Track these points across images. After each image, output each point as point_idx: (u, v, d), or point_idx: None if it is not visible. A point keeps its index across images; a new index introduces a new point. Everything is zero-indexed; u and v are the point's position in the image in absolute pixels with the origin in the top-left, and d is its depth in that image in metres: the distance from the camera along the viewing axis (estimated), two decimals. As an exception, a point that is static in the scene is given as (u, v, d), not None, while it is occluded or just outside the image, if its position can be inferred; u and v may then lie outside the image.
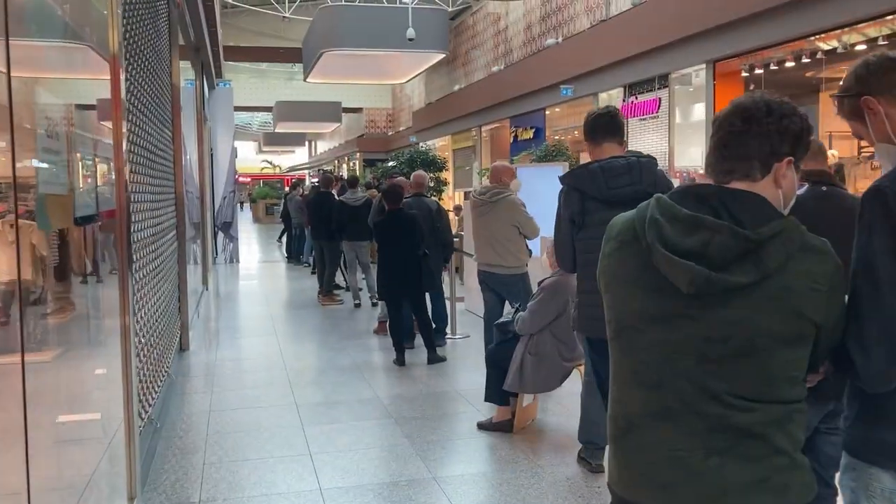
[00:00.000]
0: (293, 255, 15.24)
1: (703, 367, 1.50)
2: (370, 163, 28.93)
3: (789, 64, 11.68)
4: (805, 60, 11.38)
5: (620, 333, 1.64)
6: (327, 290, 10.06)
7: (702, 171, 14.32)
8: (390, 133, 36.38)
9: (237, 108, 39.70)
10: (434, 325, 7.04)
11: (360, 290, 9.99)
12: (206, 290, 11.59)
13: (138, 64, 4.69)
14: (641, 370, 1.58)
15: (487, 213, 5.59)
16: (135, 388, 3.91)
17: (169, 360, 6.22)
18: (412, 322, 7.16)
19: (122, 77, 3.66)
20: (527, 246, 5.76)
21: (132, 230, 4.10)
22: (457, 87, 24.62)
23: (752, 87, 13.28)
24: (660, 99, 14.35)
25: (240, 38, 25.37)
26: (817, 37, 10.70)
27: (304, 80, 21.89)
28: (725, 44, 12.40)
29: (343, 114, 34.22)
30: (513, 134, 20.58)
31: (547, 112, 18.92)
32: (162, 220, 6.24)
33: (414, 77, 23.83)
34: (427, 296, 6.88)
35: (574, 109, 18.48)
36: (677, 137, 14.37)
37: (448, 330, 7.60)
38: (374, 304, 9.75)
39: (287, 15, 23.11)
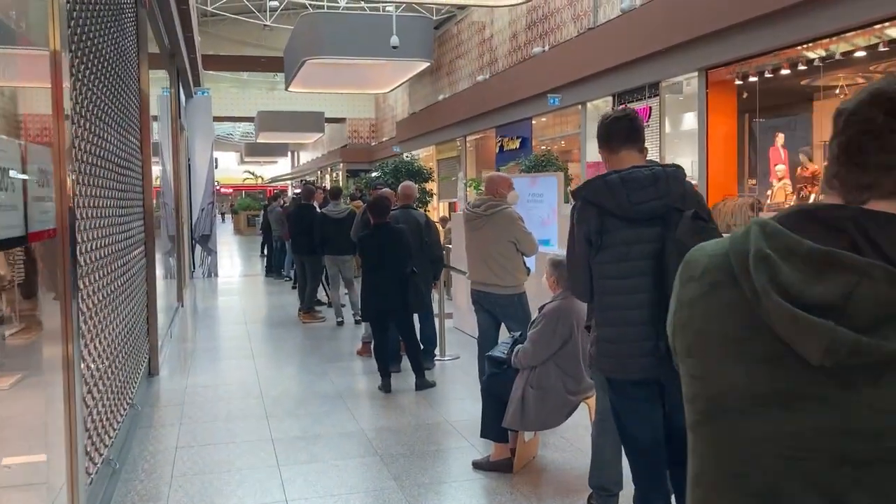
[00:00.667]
0: (274, 269, 14.68)
1: (841, 471, 1.01)
2: (353, 173, 28.42)
3: (784, 72, 11.32)
4: (801, 68, 11.02)
5: (713, 418, 1.12)
6: (308, 306, 9.54)
7: (696, 182, 13.96)
8: (373, 143, 35.91)
9: (218, 119, 39.12)
10: (422, 347, 6.56)
11: (343, 306, 9.49)
12: (182, 306, 11.03)
13: (93, 64, 4.19)
14: (747, 473, 1.08)
15: (482, 228, 5.12)
16: (80, 428, 3.39)
17: (133, 387, 5.69)
18: (398, 343, 6.67)
19: (66, 75, 3.16)
20: (524, 263, 5.29)
21: (81, 249, 3.60)
22: (441, 97, 24.20)
23: (744, 95, 12.94)
24: (650, 108, 13.98)
25: (220, 47, 24.84)
26: (812, 44, 10.36)
27: (286, 89, 21.41)
28: (718, 51, 12.04)
29: (326, 124, 33.72)
30: (499, 144, 20.17)
31: (533, 122, 18.54)
32: (128, 235, 5.73)
33: (398, 86, 23.40)
34: (415, 316, 6.40)
35: (562, 119, 18.10)
36: (668, 148, 13.99)
37: (437, 351, 7.12)
38: (357, 322, 9.24)
39: (268, 23, 22.61)
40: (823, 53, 10.69)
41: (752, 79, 12.43)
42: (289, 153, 50.64)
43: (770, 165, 12.57)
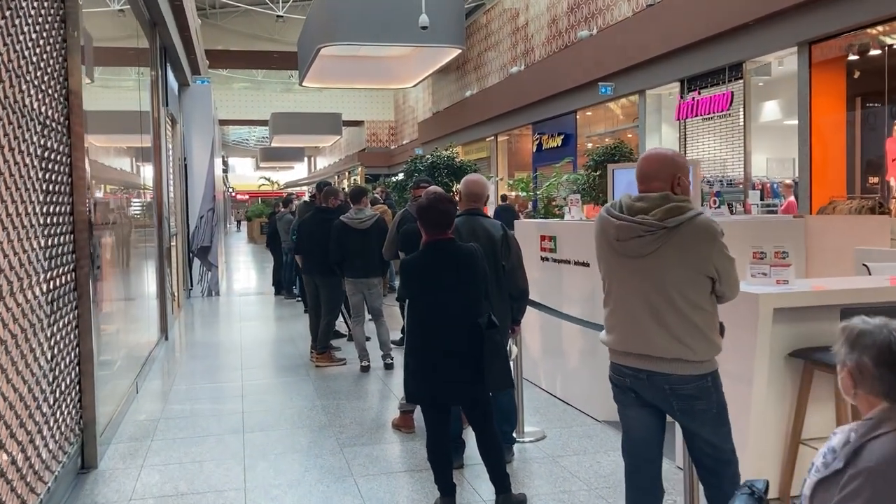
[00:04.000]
0: (284, 287, 12.25)
1: None
2: (373, 178, 25.98)
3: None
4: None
5: None
6: (323, 346, 7.08)
7: (789, 181, 11.39)
8: (393, 147, 33.56)
9: (231, 122, 36.97)
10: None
11: (369, 339, 7.07)
12: (166, 340, 8.62)
13: None
14: None
15: (654, 252, 2.62)
16: None
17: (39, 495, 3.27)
18: (459, 421, 4.22)
19: None
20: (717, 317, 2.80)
21: None
22: (468, 93, 21.77)
23: (856, 74, 10.39)
24: (732, 93, 11.45)
25: (229, 42, 22.52)
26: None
27: (300, 83, 19.06)
28: (824, 20, 9.50)
29: (343, 127, 31.38)
30: (536, 141, 17.70)
31: (578, 115, 16.07)
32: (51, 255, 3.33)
33: (423, 80, 20.96)
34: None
35: (612, 111, 15.59)
36: (756, 140, 11.47)
37: (514, 432, 4.65)
38: (387, 366, 6.79)
39: (281, 13, 20.25)
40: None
41: (866, 54, 9.90)
42: (305, 158, 48.42)
43: (887, 160, 9.96)
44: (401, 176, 14.24)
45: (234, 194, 57.89)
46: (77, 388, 4.41)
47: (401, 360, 6.44)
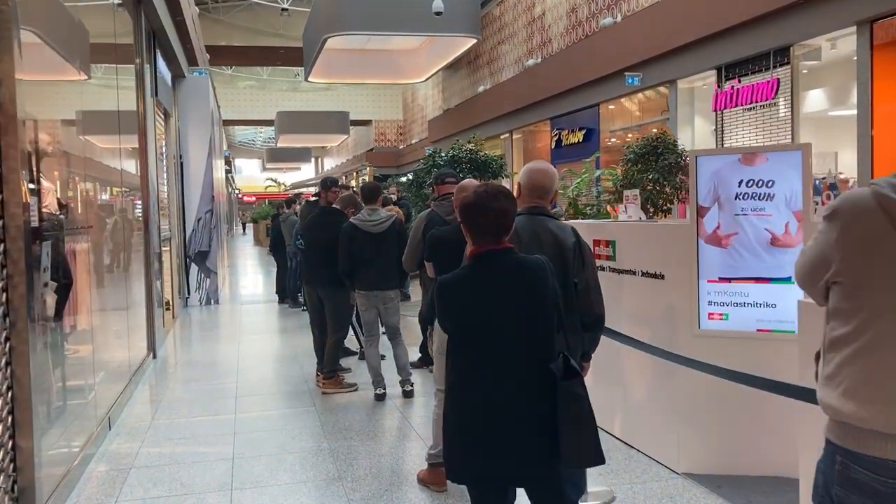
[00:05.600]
0: (289, 295, 11.20)
1: None
2: (382, 178, 24.91)
3: None
4: None
5: None
6: (331, 370, 6.00)
7: (845, 176, 10.25)
8: (402, 146, 32.50)
9: (236, 122, 35.96)
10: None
11: (383, 357, 6.00)
12: (154, 358, 7.57)
13: None
14: None
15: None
16: None
17: None
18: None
19: None
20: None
21: None
22: (481, 89, 20.68)
23: (923, 57, 9.25)
24: (777, 80, 10.34)
25: (232, 37, 21.46)
26: None
27: (306, 78, 18.03)
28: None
29: (350, 126, 30.33)
30: (555, 137, 16.60)
31: (601, 108, 14.95)
32: None
33: (434, 74, 19.91)
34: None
35: (638, 104, 14.47)
36: (806, 132, 10.35)
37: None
38: (407, 394, 5.72)
39: (286, 6, 19.20)
40: None
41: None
42: (312, 159, 47.44)
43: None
44: (410, 176, 13.11)
45: (240, 196, 57.01)
46: (9, 445, 3.35)
47: (424, 387, 5.37)
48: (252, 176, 62.60)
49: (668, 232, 4.53)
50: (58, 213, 4.78)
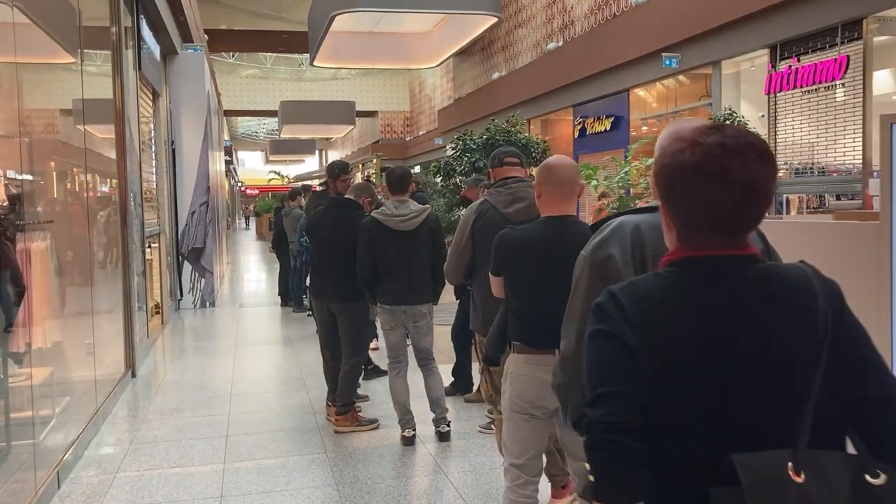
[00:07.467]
0: (292, 298, 9.96)
1: None
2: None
3: None
4: None
5: None
6: (345, 403, 4.74)
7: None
8: (409, 138, 31.22)
9: (239, 113, 34.65)
10: None
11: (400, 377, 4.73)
12: (133, 378, 6.34)
13: None
14: None
15: None
16: None
17: None
18: None
19: None
20: None
21: None
22: (496, 75, 19.40)
23: None
24: (847, 58, 9.06)
25: (233, 20, 20.17)
26: None
27: (311, 63, 16.77)
28: None
29: (356, 118, 29.02)
30: (578, 126, 15.32)
31: (630, 94, 13.68)
32: None
33: (447, 59, 18.63)
34: None
35: (673, 88, 13.16)
36: (849, 119, 9.07)
37: None
38: (442, 436, 4.47)
39: (289, -13, 17.97)
40: None
41: None
42: (316, 151, 46.15)
43: None
44: (418, 169, 11.78)
45: (243, 188, 55.73)
46: None
47: (458, 424, 4.09)
48: (255, 168, 61.40)
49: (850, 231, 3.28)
50: (6, 204, 3.79)
